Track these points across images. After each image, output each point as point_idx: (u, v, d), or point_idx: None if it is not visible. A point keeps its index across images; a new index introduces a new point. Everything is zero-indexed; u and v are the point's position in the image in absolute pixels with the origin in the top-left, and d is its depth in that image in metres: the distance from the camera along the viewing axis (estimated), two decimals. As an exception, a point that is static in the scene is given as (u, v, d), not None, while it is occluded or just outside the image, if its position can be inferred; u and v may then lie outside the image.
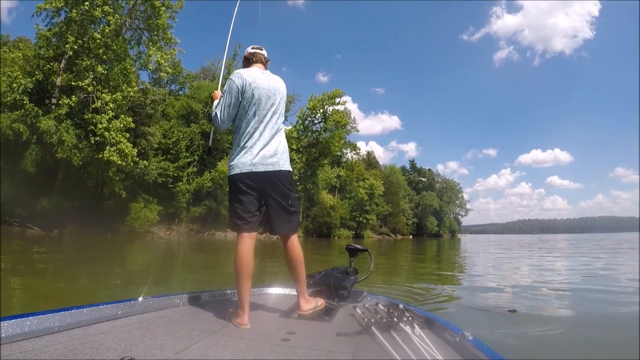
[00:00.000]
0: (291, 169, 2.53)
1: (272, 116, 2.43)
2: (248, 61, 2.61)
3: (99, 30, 23.20)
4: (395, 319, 2.08)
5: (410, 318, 2.12)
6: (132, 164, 23.87)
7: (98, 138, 22.52)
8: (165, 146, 30.94)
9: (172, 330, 1.97)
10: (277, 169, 2.38)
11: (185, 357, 1.64)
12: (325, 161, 45.87)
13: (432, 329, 2.08)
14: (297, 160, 42.24)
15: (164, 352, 1.66)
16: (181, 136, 31.90)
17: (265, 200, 2.42)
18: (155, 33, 25.14)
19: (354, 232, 57.04)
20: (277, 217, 2.42)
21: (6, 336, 1.59)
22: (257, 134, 2.38)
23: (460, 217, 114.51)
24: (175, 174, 30.80)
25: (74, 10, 22.35)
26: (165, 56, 24.98)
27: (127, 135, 23.72)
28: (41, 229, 21.25)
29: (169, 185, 30.51)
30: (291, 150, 41.75)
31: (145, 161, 25.38)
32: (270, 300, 2.83)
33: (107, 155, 22.44)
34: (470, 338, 1.81)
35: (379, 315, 2.21)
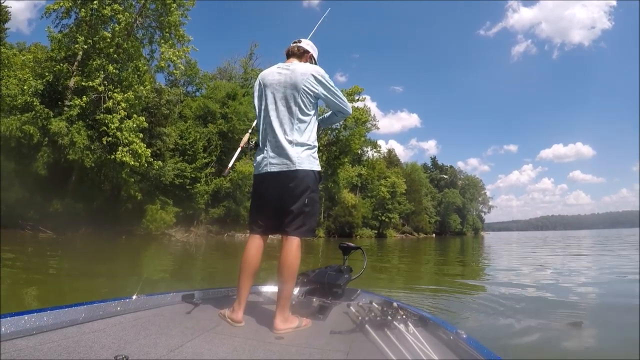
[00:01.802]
0: (314, 167, 2.23)
1: (285, 110, 2.22)
2: (287, 57, 2.45)
3: (110, 29, 22.13)
4: (389, 318, 2.02)
5: (404, 316, 2.06)
6: (146, 165, 22.60)
7: (110, 139, 21.35)
8: (182, 147, 29.66)
9: (166, 329, 1.89)
10: (293, 168, 2.16)
11: (179, 355, 1.58)
12: (346, 159, 44.03)
13: (426, 328, 2.05)
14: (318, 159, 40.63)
15: (157, 350, 1.60)
16: (198, 136, 30.49)
17: (280, 199, 2.21)
18: (167, 30, 23.89)
19: (376, 232, 54.93)
20: (288, 217, 2.18)
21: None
22: (269, 130, 2.24)
23: (483, 214, 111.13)
24: (192, 175, 29.43)
25: (82, 10, 21.27)
26: (177, 53, 23.68)
27: (141, 135, 22.47)
28: (54, 232, 20.13)
29: (187, 187, 29.14)
30: (311, 149, 40.12)
31: (160, 162, 24.06)
32: (265, 298, 2.72)
33: (120, 156, 21.22)
34: (464, 336, 1.76)
35: (373, 314, 2.12)
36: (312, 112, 2.28)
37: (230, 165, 2.77)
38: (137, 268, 10.38)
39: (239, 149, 2.65)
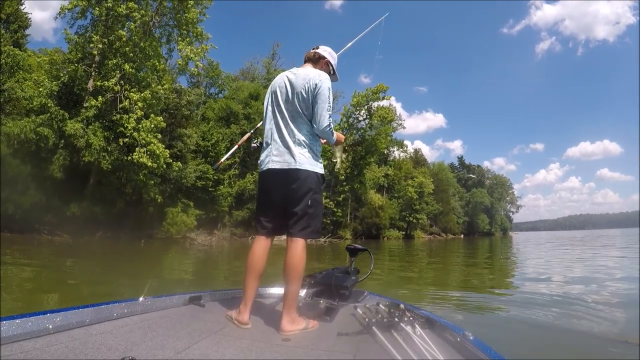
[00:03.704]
0: (316, 170, 2.18)
1: (289, 112, 2.20)
2: (304, 62, 2.45)
3: (125, 28, 20.77)
4: (396, 319, 1.95)
5: (411, 318, 1.99)
6: (164, 166, 21.05)
7: (127, 139, 19.89)
8: (204, 149, 28.07)
9: (173, 330, 1.84)
10: (293, 167, 2.12)
11: (186, 357, 1.54)
12: (372, 159, 41.51)
13: (433, 329, 1.99)
14: (343, 159, 38.32)
15: (165, 352, 1.56)
16: (220, 138, 28.77)
17: (284, 200, 2.16)
18: (184, 28, 22.39)
19: (403, 233, 52.05)
20: (293, 219, 2.13)
21: (7, 336, 1.48)
22: (273, 130, 2.23)
23: (511, 214, 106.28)
24: (215, 177, 27.78)
25: (97, 9, 19.95)
26: (195, 51, 22.10)
27: (159, 135, 20.97)
28: (70, 236, 18.72)
29: (210, 189, 27.51)
30: (336, 149, 37.96)
31: (179, 163, 22.48)
32: (272, 300, 2.61)
33: (137, 157, 19.73)
34: (471, 338, 1.71)
35: (379, 315, 2.07)
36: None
37: (223, 159, 2.90)
38: (146, 273, 9.57)
39: (236, 146, 2.92)
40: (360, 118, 40.22)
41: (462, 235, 72.63)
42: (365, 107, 39.42)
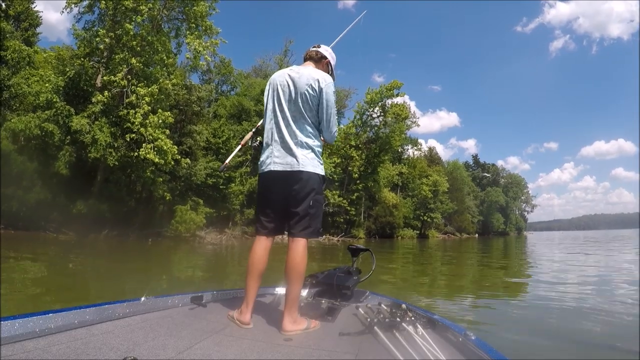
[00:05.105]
0: (318, 171, 2.07)
1: (291, 112, 2.08)
2: (304, 61, 2.33)
3: (132, 21, 19.86)
4: (398, 319, 1.89)
5: (413, 318, 1.92)
6: (172, 163, 20.04)
7: (134, 135, 18.95)
8: (215, 146, 27.02)
9: (175, 330, 1.76)
10: (296, 169, 2.02)
11: (188, 357, 1.49)
12: (386, 157, 40.00)
13: (435, 329, 1.92)
14: (357, 157, 36.94)
15: (166, 352, 1.50)
16: (232, 135, 27.62)
17: (285, 201, 2.07)
18: (193, 21, 21.38)
19: (418, 232, 50.36)
20: (294, 219, 2.05)
21: (8, 336, 1.44)
22: (276, 130, 2.10)
23: (526, 213, 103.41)
24: (227, 175, 26.65)
25: (102, 2, 19.06)
26: (204, 44, 21.06)
27: (167, 131, 19.98)
28: (75, 234, 17.83)
29: (220, 187, 26.41)
30: (350, 147, 36.69)
31: (187, 159, 21.47)
32: (273, 300, 2.50)
33: (144, 153, 18.77)
34: (473, 338, 1.66)
35: (381, 315, 2.00)
36: (318, 118, 2.13)
37: (227, 161, 2.75)
38: (147, 273, 9.26)
39: (239, 146, 2.84)
40: (374, 115, 38.77)
41: (477, 235, 70.51)
42: (379, 104, 37.97)
